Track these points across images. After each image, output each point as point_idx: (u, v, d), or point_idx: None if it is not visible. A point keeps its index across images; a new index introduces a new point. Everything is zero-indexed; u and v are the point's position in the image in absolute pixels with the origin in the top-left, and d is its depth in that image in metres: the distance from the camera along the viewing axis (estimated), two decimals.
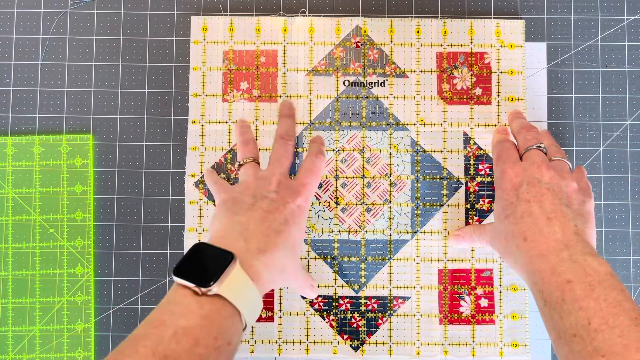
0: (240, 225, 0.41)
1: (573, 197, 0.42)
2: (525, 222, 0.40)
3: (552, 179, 0.42)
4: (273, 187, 0.43)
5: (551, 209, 0.40)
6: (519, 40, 0.51)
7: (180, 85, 0.52)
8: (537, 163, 0.42)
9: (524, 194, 0.41)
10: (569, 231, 0.39)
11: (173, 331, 0.33)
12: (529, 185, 0.41)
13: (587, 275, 0.36)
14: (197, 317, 0.34)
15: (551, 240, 0.39)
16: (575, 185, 0.42)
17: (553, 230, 0.39)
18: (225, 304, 0.35)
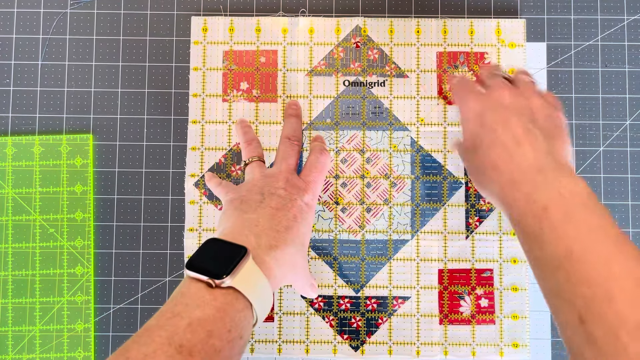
0: (250, 222, 0.40)
1: (539, 113, 0.39)
2: (495, 151, 0.38)
3: (513, 99, 0.40)
4: (281, 184, 0.43)
5: (518, 132, 0.38)
6: (520, 39, 0.51)
7: (180, 85, 0.52)
8: (498, 88, 0.41)
9: (489, 122, 0.39)
10: (541, 152, 0.37)
11: (188, 322, 0.33)
12: (492, 112, 0.39)
13: (563, 198, 0.34)
14: (212, 309, 0.34)
15: (523, 166, 0.37)
16: (539, 100, 0.40)
17: (524, 154, 0.37)
18: (239, 297, 0.35)
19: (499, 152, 0.38)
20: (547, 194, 0.35)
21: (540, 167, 0.36)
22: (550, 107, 0.41)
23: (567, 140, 0.40)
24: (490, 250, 0.50)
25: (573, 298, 0.32)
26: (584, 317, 0.31)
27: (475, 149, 0.40)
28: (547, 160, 0.36)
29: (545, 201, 0.34)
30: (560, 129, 0.40)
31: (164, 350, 0.31)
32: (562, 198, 0.34)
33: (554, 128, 0.39)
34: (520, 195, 0.36)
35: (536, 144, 0.37)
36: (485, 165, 0.39)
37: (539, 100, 0.40)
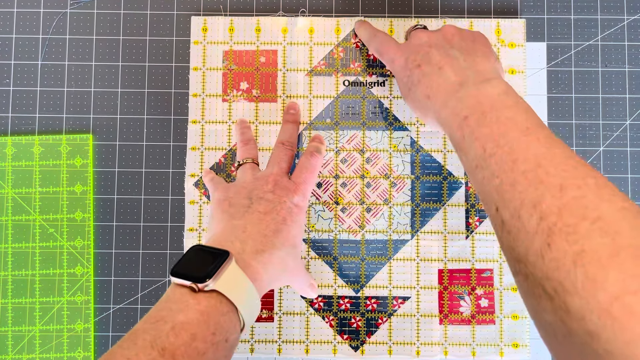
0: (237, 228, 0.41)
1: (454, 38, 0.42)
2: (423, 83, 0.41)
3: (429, 36, 0.43)
4: (269, 187, 0.44)
5: (438, 59, 0.40)
6: (520, 39, 0.51)
7: (180, 85, 0.52)
8: (415, 34, 0.44)
9: (412, 63, 0.42)
10: (461, 69, 0.39)
11: (171, 326, 0.33)
12: (414, 54, 0.42)
13: (480, 104, 0.36)
14: (195, 312, 0.34)
15: (448, 86, 0.39)
16: (452, 28, 0.43)
17: (446, 76, 0.39)
18: (223, 300, 0.36)
19: (426, 82, 0.41)
20: (467, 104, 0.37)
21: (462, 82, 0.38)
22: (466, 31, 0.43)
23: (489, 54, 0.42)
24: (490, 250, 0.50)
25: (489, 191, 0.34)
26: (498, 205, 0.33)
27: (410, 90, 0.42)
28: (469, 74, 0.39)
29: (466, 111, 0.36)
30: (479, 44, 0.42)
31: (147, 353, 0.31)
32: (479, 104, 0.36)
33: (473, 45, 0.42)
34: (448, 112, 0.38)
35: (456, 63, 0.40)
36: (420, 98, 0.41)
37: (454, 28, 0.43)
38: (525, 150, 0.32)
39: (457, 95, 0.38)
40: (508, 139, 0.33)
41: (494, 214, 0.33)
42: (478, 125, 0.35)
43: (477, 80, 0.38)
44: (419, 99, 0.41)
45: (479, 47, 0.42)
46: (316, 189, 0.51)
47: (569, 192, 0.29)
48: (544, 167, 0.31)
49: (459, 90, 0.38)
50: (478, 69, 0.39)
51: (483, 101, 0.36)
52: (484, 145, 0.34)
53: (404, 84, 0.43)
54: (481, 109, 0.36)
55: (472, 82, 0.38)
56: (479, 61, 0.40)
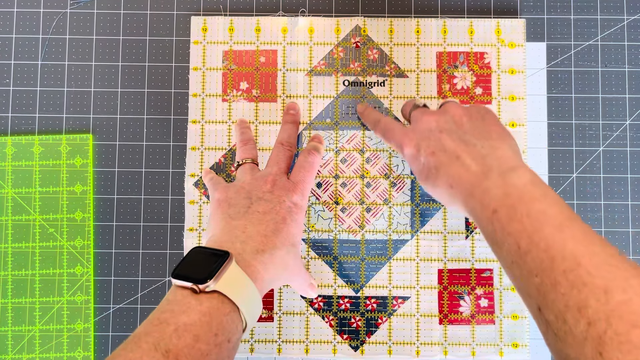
0: (237, 229, 0.41)
1: (464, 120, 0.40)
2: (442, 173, 0.39)
3: (438, 120, 0.41)
4: (268, 187, 0.44)
5: (453, 147, 0.39)
6: (520, 39, 0.51)
7: (180, 85, 0.52)
8: (421, 118, 0.42)
9: (425, 150, 0.40)
10: (479, 157, 0.38)
11: (174, 327, 0.33)
12: (425, 140, 0.40)
13: (507, 196, 0.35)
14: (197, 314, 0.34)
15: (470, 176, 0.37)
16: (459, 109, 0.41)
17: (466, 166, 0.38)
18: (224, 301, 0.36)
19: (446, 172, 0.39)
20: (495, 196, 0.35)
21: (485, 171, 0.37)
22: (473, 110, 0.41)
23: (504, 134, 0.40)
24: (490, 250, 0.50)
25: (529, 290, 0.32)
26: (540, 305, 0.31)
27: (428, 178, 0.40)
28: (489, 162, 0.37)
29: (494, 204, 0.35)
30: (490, 124, 0.40)
31: (151, 355, 0.31)
32: (507, 197, 0.35)
33: (484, 126, 0.40)
34: (476, 204, 0.36)
35: (474, 150, 0.38)
36: (442, 188, 0.39)
37: (460, 109, 0.41)
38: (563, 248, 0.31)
39: (482, 187, 0.36)
40: (543, 236, 0.32)
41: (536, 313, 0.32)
42: (509, 220, 0.34)
43: (500, 169, 0.36)
44: (441, 188, 0.39)
45: (492, 127, 0.40)
46: (316, 189, 0.51)
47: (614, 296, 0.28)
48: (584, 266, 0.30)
49: (484, 180, 0.36)
50: (498, 154, 0.38)
51: (511, 192, 0.35)
52: (518, 241, 0.33)
53: (419, 171, 0.41)
54: (510, 202, 0.34)
55: (496, 172, 0.36)
56: (496, 145, 0.38)
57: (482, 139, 0.39)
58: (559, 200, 0.34)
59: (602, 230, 0.51)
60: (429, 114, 0.42)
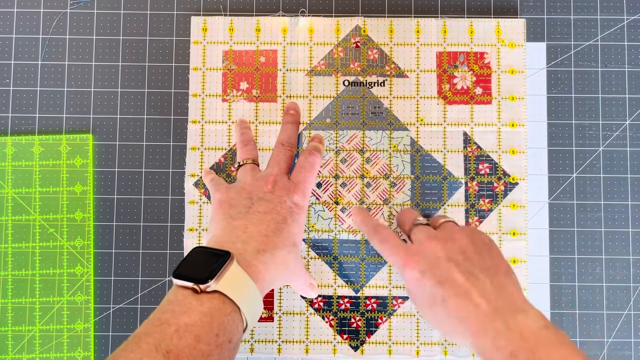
0: (238, 229, 0.41)
1: (470, 252, 0.39)
2: (449, 306, 0.38)
3: (445, 249, 0.39)
4: (269, 188, 0.44)
5: (461, 281, 0.38)
6: (520, 39, 0.51)
7: (180, 85, 0.52)
8: (426, 242, 0.40)
9: (432, 279, 0.38)
10: (490, 295, 0.37)
11: (175, 328, 0.33)
12: (432, 269, 0.39)
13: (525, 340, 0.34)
14: (198, 314, 0.34)
15: (479, 314, 0.36)
16: (466, 240, 0.40)
17: (475, 303, 0.37)
18: (225, 301, 0.36)
19: (455, 306, 0.37)
20: (510, 338, 0.35)
21: (496, 310, 0.36)
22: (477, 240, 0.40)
23: (509, 270, 0.39)
24: None
25: None
26: None
27: (432, 308, 0.39)
28: (500, 301, 0.37)
29: (510, 347, 0.34)
30: (499, 260, 0.40)
31: (152, 356, 0.31)
32: (524, 340, 0.34)
33: (493, 262, 0.39)
34: (488, 342, 0.36)
35: (482, 287, 0.37)
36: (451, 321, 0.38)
37: (466, 238, 0.40)
38: None
39: (494, 326, 0.35)
40: None
41: None
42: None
43: (511, 309, 0.36)
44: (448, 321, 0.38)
45: (498, 262, 0.39)
46: (316, 189, 0.51)
47: None
48: None
49: (495, 320, 0.36)
50: (506, 293, 0.37)
51: (527, 336, 0.34)
52: None
53: (422, 300, 0.39)
54: (528, 346, 0.34)
55: (508, 312, 0.36)
56: (504, 283, 0.38)
57: (490, 275, 0.38)
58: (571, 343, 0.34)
59: (602, 230, 0.51)
60: (435, 239, 0.40)
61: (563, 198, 0.51)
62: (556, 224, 0.51)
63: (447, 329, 0.39)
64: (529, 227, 0.51)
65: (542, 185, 0.51)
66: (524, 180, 0.50)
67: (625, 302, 0.50)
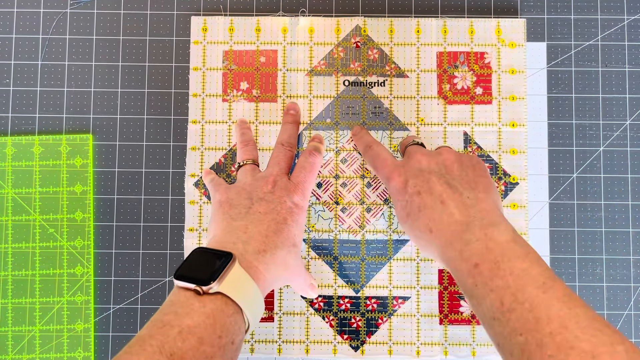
0: (238, 229, 0.41)
1: (454, 166, 0.41)
2: (424, 215, 0.39)
3: (429, 161, 0.41)
4: (269, 188, 0.44)
5: (439, 190, 0.39)
6: (520, 39, 0.51)
7: (180, 85, 0.52)
8: (414, 155, 0.43)
9: (412, 188, 0.40)
10: (464, 206, 0.38)
11: (178, 330, 0.33)
12: (414, 178, 0.41)
13: (490, 251, 0.35)
14: (201, 316, 0.34)
15: (452, 224, 0.37)
16: (452, 155, 0.42)
17: (450, 213, 0.38)
18: (228, 302, 0.36)
19: (428, 214, 0.39)
20: (476, 250, 0.35)
21: (467, 222, 0.37)
22: (465, 158, 0.42)
23: (490, 187, 0.40)
24: None
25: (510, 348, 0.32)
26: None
27: (408, 216, 0.40)
28: (473, 213, 0.37)
29: (475, 258, 0.35)
30: (481, 177, 0.41)
31: (155, 358, 0.31)
32: (489, 251, 0.35)
33: (474, 178, 0.40)
34: (455, 254, 0.36)
35: (460, 198, 0.38)
36: (421, 230, 0.39)
37: (453, 155, 0.42)
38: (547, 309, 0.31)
39: (463, 237, 0.36)
40: (527, 295, 0.32)
41: None
42: (492, 276, 0.34)
43: (483, 223, 0.37)
44: (420, 230, 0.39)
45: (480, 178, 0.41)
46: (316, 189, 0.51)
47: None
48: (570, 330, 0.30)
49: (465, 231, 0.36)
50: (482, 207, 0.38)
51: (493, 248, 0.35)
52: (502, 298, 0.33)
53: (402, 208, 0.41)
54: (492, 257, 0.34)
55: (479, 225, 0.36)
56: (481, 197, 0.39)
57: (469, 188, 0.39)
58: (540, 260, 0.34)
59: (602, 230, 0.51)
60: (423, 154, 0.42)
61: (563, 198, 0.51)
62: (556, 224, 0.51)
63: (419, 240, 0.40)
64: (529, 227, 0.51)
65: (542, 185, 0.51)
66: (525, 180, 0.50)
67: (625, 302, 0.50)
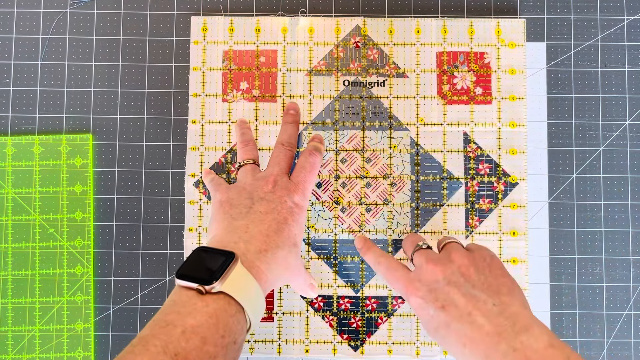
0: (239, 229, 0.41)
1: (471, 272, 0.39)
2: (454, 331, 0.37)
3: (444, 271, 0.39)
4: (269, 188, 0.44)
5: (463, 303, 0.37)
6: (520, 39, 0.51)
7: (180, 85, 0.52)
8: (426, 265, 0.40)
9: (434, 303, 0.38)
10: (492, 316, 0.36)
11: (182, 330, 0.33)
12: (432, 293, 0.39)
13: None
14: (204, 315, 0.34)
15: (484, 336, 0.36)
16: (466, 260, 0.40)
17: (479, 325, 0.36)
18: (230, 302, 0.36)
19: (458, 330, 0.37)
20: None
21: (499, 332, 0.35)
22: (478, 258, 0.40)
23: (513, 287, 0.39)
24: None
25: None
26: None
27: (437, 332, 0.39)
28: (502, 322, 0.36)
29: None
30: (501, 277, 0.39)
31: (160, 359, 0.31)
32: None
33: (495, 280, 0.39)
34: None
35: (485, 307, 0.37)
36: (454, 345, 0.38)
37: (465, 259, 0.40)
38: None
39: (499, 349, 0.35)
40: None
41: None
42: None
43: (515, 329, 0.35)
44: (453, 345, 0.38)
45: (500, 279, 0.39)
46: (316, 189, 0.51)
47: None
48: None
49: (499, 342, 0.35)
50: (510, 312, 0.36)
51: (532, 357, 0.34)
52: None
53: (428, 323, 0.39)
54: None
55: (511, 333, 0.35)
56: (507, 301, 0.37)
57: (492, 294, 0.38)
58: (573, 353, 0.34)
59: (602, 230, 0.51)
60: (434, 263, 0.40)
61: (563, 198, 0.51)
62: (556, 224, 0.51)
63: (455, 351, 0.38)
64: (529, 227, 0.51)
65: (542, 185, 0.51)
66: (524, 180, 0.50)
67: (625, 302, 0.50)
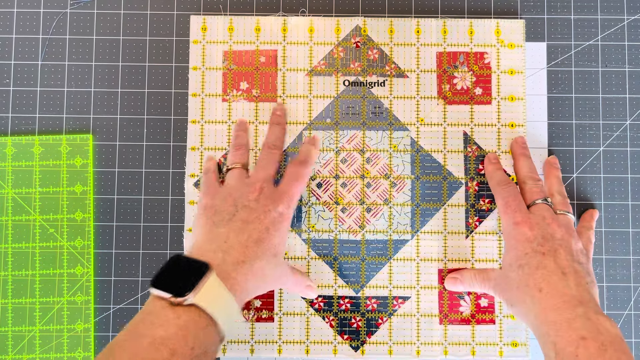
0: (219, 237, 0.41)
1: (581, 256, 0.43)
2: (541, 274, 0.41)
3: (563, 236, 0.43)
4: (254, 196, 0.43)
5: (565, 264, 0.41)
6: (519, 39, 0.51)
7: (180, 85, 0.52)
8: (547, 219, 0.44)
9: (539, 247, 0.42)
10: (582, 288, 0.40)
11: (150, 340, 0.33)
12: (543, 239, 0.43)
13: (600, 334, 0.37)
14: (174, 327, 0.34)
15: (566, 295, 0.39)
16: (580, 246, 0.44)
17: (567, 285, 0.40)
18: (202, 314, 0.36)
19: (545, 276, 0.41)
20: (587, 326, 0.37)
21: (582, 301, 0.39)
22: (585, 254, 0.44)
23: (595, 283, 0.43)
24: (490, 250, 0.50)
25: None
26: None
27: (520, 268, 0.42)
28: (588, 297, 0.40)
29: (585, 331, 0.37)
30: (593, 274, 0.44)
31: None
32: (599, 333, 0.37)
33: (591, 273, 0.43)
34: (562, 320, 0.38)
35: (579, 279, 0.41)
36: (529, 284, 0.41)
37: (581, 246, 0.44)
38: None
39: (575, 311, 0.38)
40: None
41: None
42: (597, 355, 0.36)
43: (596, 308, 0.39)
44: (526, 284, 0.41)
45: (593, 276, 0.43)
46: (316, 189, 0.51)
47: None
48: None
49: (578, 306, 0.39)
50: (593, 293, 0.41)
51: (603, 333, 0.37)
52: None
53: (516, 256, 0.43)
54: (601, 339, 0.36)
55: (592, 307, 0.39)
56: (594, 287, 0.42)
57: (586, 274, 0.42)
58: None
59: (602, 230, 0.51)
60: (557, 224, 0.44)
61: None
62: None
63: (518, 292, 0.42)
64: None
65: None
66: None
67: (625, 302, 0.50)
